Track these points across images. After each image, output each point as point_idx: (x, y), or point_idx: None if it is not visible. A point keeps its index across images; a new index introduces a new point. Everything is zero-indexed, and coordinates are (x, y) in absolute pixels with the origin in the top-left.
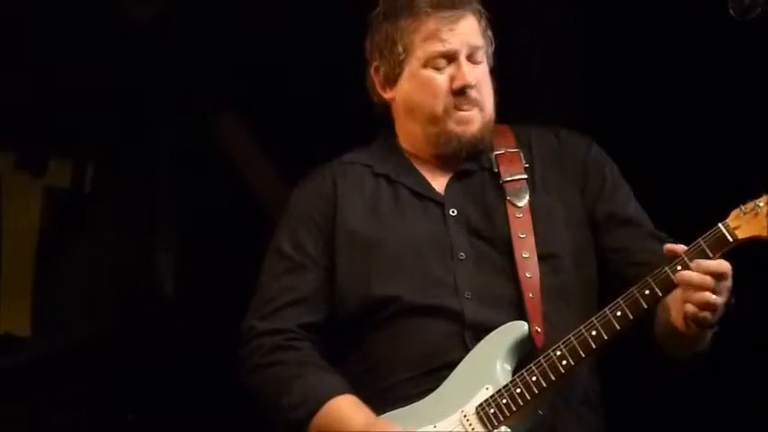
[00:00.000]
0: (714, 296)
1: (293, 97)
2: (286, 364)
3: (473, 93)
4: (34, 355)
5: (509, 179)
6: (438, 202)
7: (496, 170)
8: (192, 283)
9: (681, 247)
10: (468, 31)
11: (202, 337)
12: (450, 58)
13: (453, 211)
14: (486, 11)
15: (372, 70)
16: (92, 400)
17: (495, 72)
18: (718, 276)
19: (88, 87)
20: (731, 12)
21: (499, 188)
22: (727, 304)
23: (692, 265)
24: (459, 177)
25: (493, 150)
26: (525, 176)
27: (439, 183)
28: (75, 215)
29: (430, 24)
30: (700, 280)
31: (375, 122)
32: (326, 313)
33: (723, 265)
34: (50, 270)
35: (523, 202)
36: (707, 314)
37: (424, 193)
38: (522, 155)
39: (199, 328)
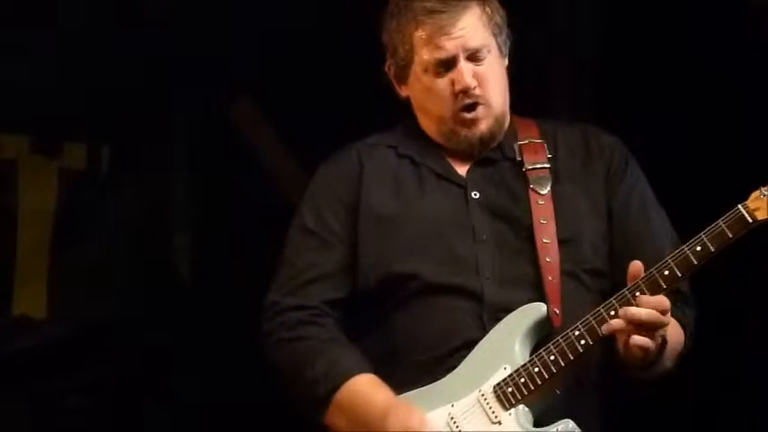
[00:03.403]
0: (642, 338)
1: (309, 82)
2: (309, 339)
3: (476, 93)
4: (50, 337)
5: (531, 167)
6: (460, 185)
7: (520, 159)
8: (208, 266)
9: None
10: (466, 34)
11: (218, 320)
12: (449, 63)
13: (476, 194)
14: None
15: (386, 68)
16: (107, 383)
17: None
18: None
19: (103, 69)
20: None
21: (522, 176)
22: (664, 341)
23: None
24: (481, 164)
25: (517, 140)
26: (548, 166)
27: (461, 167)
28: (91, 197)
29: (426, 30)
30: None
31: (392, 107)
32: (350, 290)
33: (662, 302)
34: (66, 252)
35: (546, 189)
36: (642, 351)
37: (446, 176)
38: (545, 146)
39: (215, 312)
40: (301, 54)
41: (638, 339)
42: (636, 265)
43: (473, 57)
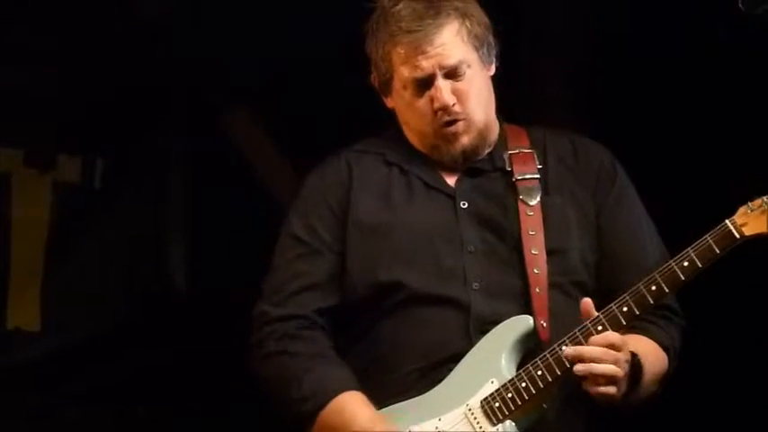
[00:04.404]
0: (604, 366)
1: (305, 90)
2: (297, 356)
3: (455, 110)
4: (44, 349)
5: (521, 178)
6: (449, 194)
7: (509, 169)
8: (203, 276)
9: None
10: (443, 51)
11: (213, 330)
12: (427, 81)
13: (464, 204)
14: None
15: (372, 79)
16: (101, 394)
17: (504, 70)
18: (610, 347)
19: (96, 82)
20: (740, 6)
21: (511, 186)
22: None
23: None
24: (470, 174)
25: (507, 149)
26: (538, 176)
27: (450, 177)
28: (85, 210)
29: (404, 47)
30: (590, 354)
31: (383, 114)
32: (339, 298)
33: (611, 337)
34: (60, 265)
35: (535, 201)
36: (606, 388)
37: (435, 185)
38: (535, 155)
39: (210, 322)
40: (300, 61)
41: (593, 390)
42: (586, 303)
43: (451, 74)
